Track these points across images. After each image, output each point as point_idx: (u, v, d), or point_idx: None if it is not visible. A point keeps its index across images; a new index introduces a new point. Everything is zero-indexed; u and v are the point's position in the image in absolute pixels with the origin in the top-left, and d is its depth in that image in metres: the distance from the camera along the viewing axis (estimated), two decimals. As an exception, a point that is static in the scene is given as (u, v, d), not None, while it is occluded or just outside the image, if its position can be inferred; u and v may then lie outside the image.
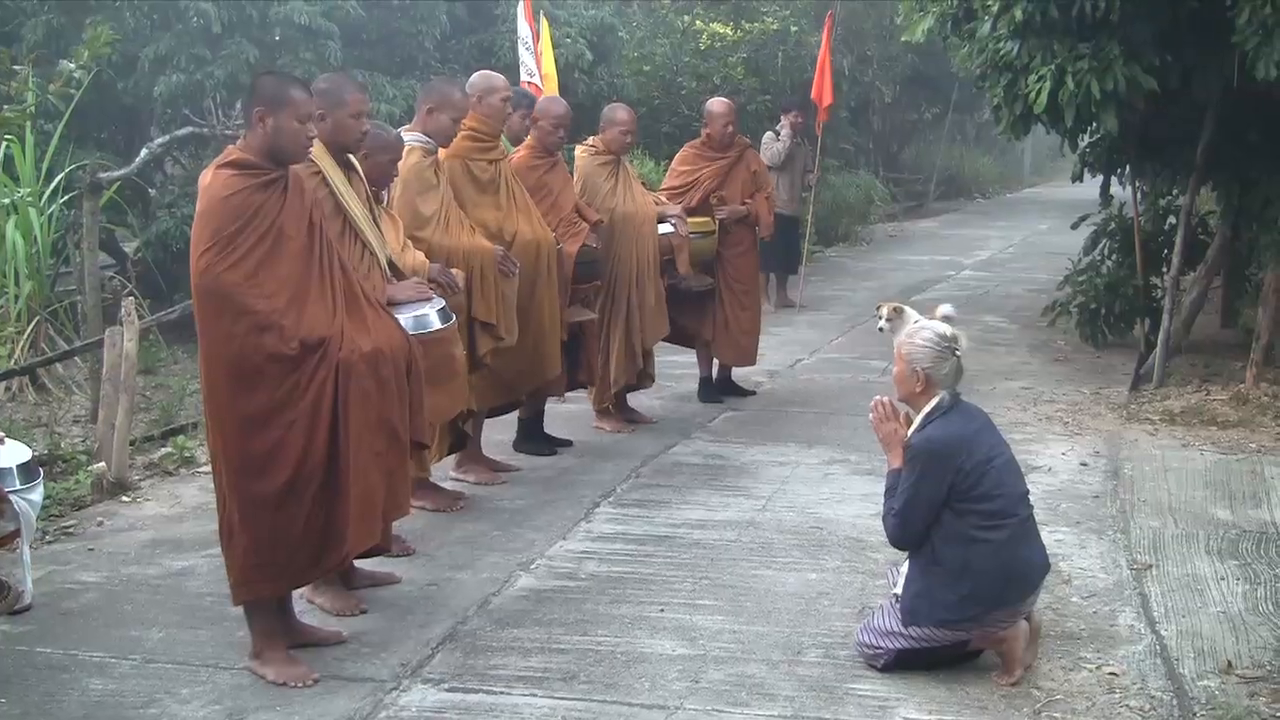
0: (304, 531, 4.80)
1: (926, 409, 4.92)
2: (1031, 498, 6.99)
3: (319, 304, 4.80)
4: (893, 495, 4.93)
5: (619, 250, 8.31)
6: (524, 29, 11.31)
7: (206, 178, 4.76)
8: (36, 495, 5.29)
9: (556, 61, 12.27)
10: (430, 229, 6.58)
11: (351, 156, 5.78)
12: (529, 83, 11.03)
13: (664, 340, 9.00)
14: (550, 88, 11.28)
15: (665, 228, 8.58)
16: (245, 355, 4.66)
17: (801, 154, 14.02)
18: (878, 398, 5.04)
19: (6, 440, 4.89)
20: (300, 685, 4.79)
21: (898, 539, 4.97)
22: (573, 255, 7.69)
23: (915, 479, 4.81)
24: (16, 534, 5.16)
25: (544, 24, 11.68)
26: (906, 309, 10.14)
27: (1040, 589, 4.95)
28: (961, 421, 4.89)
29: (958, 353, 4.96)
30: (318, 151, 5.50)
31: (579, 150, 8.60)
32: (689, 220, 8.82)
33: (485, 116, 7.18)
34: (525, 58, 11.28)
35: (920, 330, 5.04)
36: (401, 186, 6.52)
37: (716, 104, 9.43)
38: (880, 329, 9.49)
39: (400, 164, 6.37)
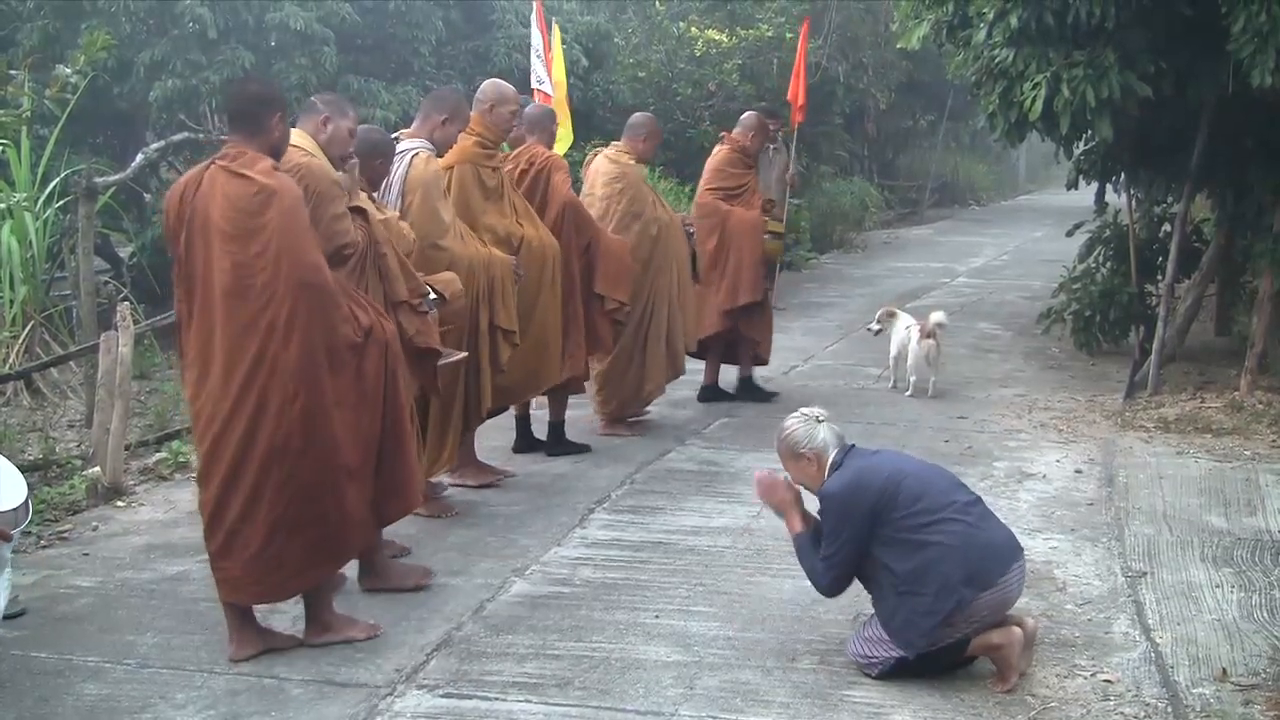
0: (362, 509, 5.15)
1: (825, 476, 5.05)
2: (1025, 505, 7.08)
3: (350, 294, 5.21)
4: (805, 555, 5.09)
5: (662, 259, 8.54)
6: (536, 37, 11.26)
7: (271, 179, 4.87)
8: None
9: (552, 66, 12.28)
10: (450, 236, 6.59)
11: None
12: (538, 90, 11.01)
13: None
14: (559, 95, 11.27)
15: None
16: (337, 346, 4.98)
17: (774, 160, 13.72)
18: (758, 474, 5.27)
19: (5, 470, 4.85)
20: (371, 636, 5.23)
21: (831, 586, 5.07)
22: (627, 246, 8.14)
23: (834, 528, 4.95)
24: None
25: (555, 31, 11.64)
26: (899, 312, 10.21)
27: (1019, 571, 4.91)
28: (854, 465, 5.01)
29: (820, 418, 5.15)
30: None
31: (626, 159, 8.66)
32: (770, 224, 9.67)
33: (492, 125, 7.22)
34: (536, 65, 11.23)
35: (784, 426, 5.20)
36: (422, 192, 6.50)
37: (759, 118, 9.79)
38: (869, 329, 10.33)
39: (415, 170, 6.42)
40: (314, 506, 4.97)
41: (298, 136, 5.63)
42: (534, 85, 11.01)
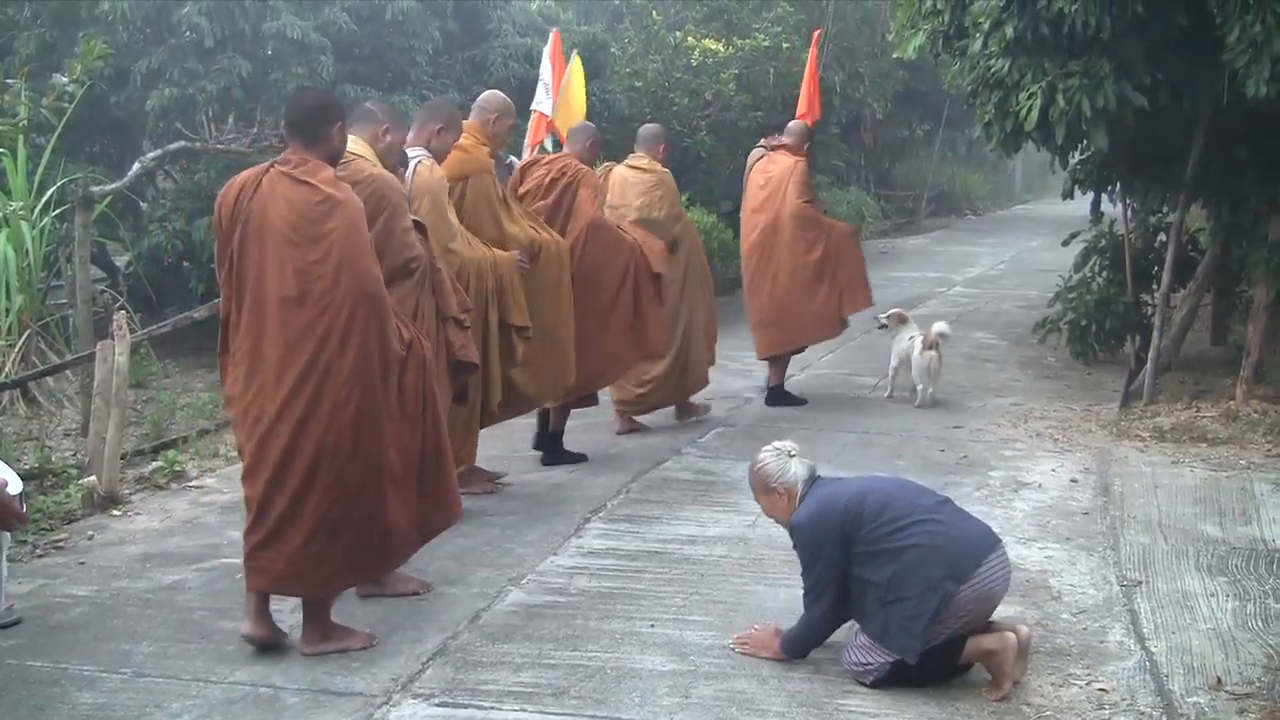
0: (404, 520, 5.23)
1: (794, 509, 5.11)
2: (1021, 514, 7.10)
3: (394, 309, 5.30)
4: (797, 634, 5.12)
5: (695, 257, 9.21)
6: (545, 70, 11.10)
7: (335, 189, 4.99)
8: None
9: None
10: (459, 241, 6.68)
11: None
12: (535, 110, 10.86)
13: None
14: (565, 121, 11.07)
15: None
16: (388, 357, 5.07)
17: None
18: (734, 642, 5.29)
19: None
20: (367, 646, 5.22)
21: (824, 620, 5.07)
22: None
23: (809, 559, 5.01)
24: None
25: (575, 62, 11.45)
26: (910, 320, 10.21)
27: (999, 561, 4.91)
28: (818, 494, 5.08)
29: (792, 453, 5.21)
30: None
31: (659, 168, 9.12)
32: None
33: (495, 136, 7.43)
34: (540, 91, 11.05)
35: (757, 460, 5.26)
36: (430, 199, 6.56)
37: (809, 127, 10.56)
38: (876, 317, 10.51)
39: (420, 177, 6.52)
40: (357, 511, 5.06)
41: (355, 144, 5.77)
42: (532, 106, 10.78)
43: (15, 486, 5.13)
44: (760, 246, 10.00)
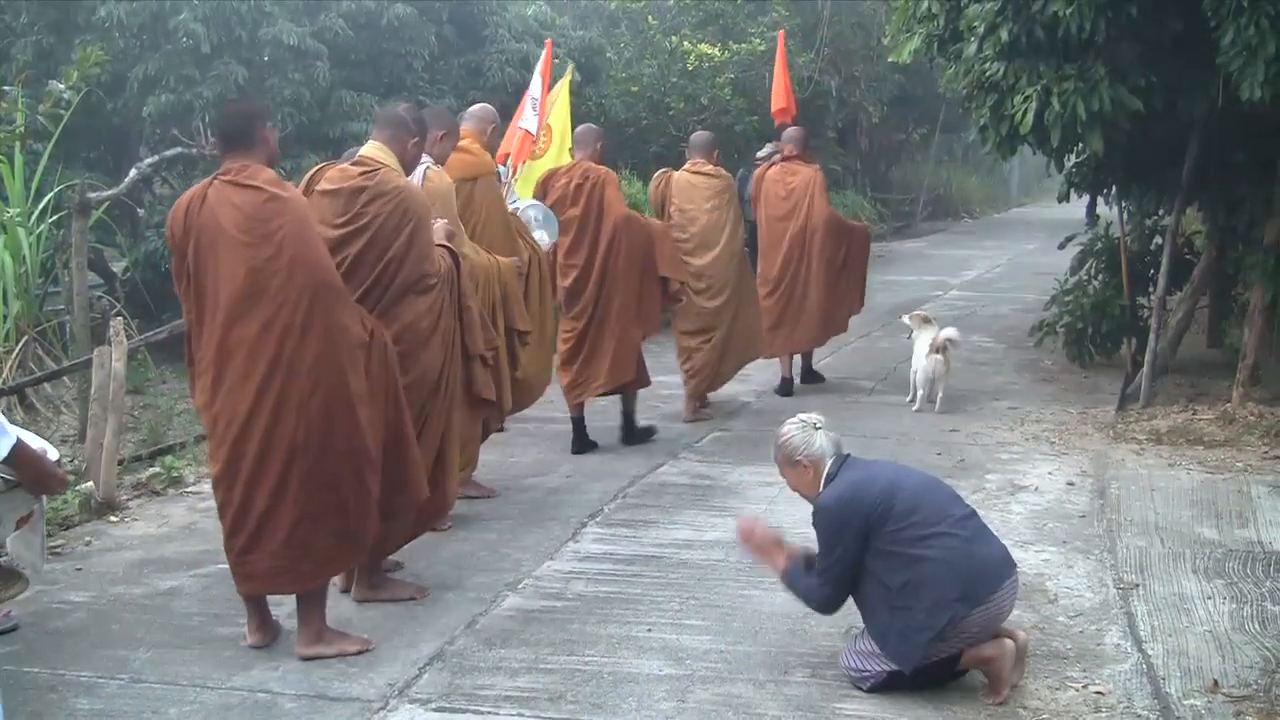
0: (377, 502, 5.28)
1: (821, 485, 5.04)
2: (1018, 517, 7.09)
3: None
4: (797, 581, 5.09)
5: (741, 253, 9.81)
6: (536, 85, 10.95)
7: (279, 189, 5.07)
8: None
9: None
10: (468, 246, 6.71)
11: None
12: (523, 129, 10.69)
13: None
14: (545, 145, 10.96)
15: None
16: (350, 343, 5.13)
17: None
18: (739, 521, 5.35)
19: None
20: (363, 650, 5.25)
21: (827, 602, 5.06)
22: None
23: (828, 542, 4.93)
24: (29, 516, 5.24)
25: (568, 75, 11.31)
26: (932, 321, 10.24)
27: (1012, 587, 4.91)
28: (849, 477, 4.99)
29: (818, 425, 5.14)
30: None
31: (723, 172, 9.81)
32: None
33: (489, 146, 7.62)
34: (528, 108, 10.89)
35: (781, 432, 5.20)
36: (441, 202, 6.58)
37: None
38: (903, 319, 10.73)
39: (430, 182, 6.57)
40: (335, 499, 5.12)
41: (381, 152, 5.84)
42: (520, 124, 10.52)
43: (54, 454, 5.25)
44: (793, 254, 10.42)
